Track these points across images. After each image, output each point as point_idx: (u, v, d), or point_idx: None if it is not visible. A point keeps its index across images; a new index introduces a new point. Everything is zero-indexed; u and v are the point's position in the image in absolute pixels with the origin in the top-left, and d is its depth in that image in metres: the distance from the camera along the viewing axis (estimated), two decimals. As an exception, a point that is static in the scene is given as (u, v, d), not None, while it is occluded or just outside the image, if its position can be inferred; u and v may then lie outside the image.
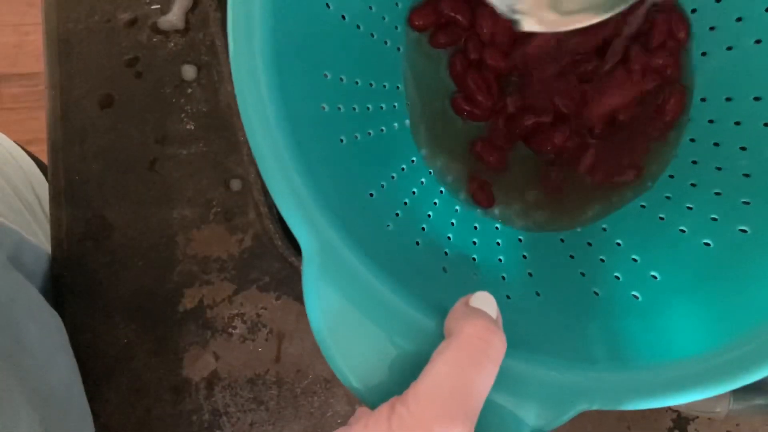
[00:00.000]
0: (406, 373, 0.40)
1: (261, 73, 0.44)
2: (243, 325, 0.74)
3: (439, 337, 0.41)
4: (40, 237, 0.83)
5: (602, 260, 0.58)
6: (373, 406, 0.39)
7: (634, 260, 0.57)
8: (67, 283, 0.74)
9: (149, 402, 0.74)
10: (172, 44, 0.76)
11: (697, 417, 0.73)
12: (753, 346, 0.43)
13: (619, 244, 0.59)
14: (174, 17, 0.75)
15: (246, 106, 0.44)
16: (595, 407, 0.43)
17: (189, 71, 0.75)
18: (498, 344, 0.39)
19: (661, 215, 0.59)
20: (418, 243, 0.56)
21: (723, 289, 0.50)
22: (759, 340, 0.43)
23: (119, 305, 0.73)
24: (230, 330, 0.74)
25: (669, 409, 0.73)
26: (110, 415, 0.73)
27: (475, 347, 0.38)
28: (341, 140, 0.54)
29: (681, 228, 0.56)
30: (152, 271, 0.75)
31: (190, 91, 0.75)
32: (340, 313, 0.42)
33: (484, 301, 0.42)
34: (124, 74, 0.76)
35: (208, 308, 0.74)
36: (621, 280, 0.55)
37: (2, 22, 1.87)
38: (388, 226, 0.54)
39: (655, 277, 0.54)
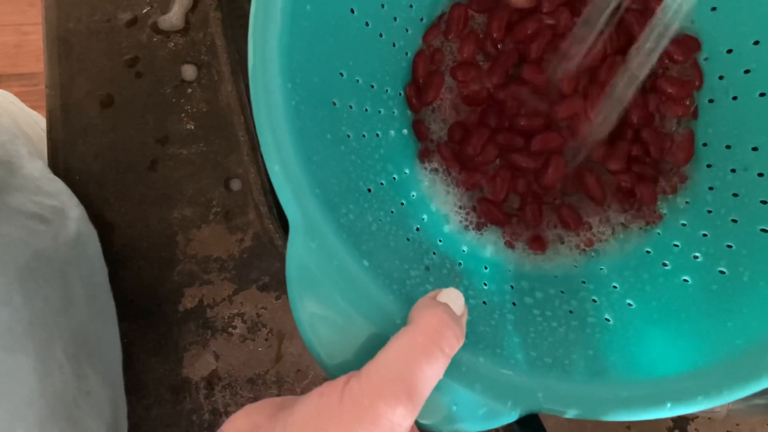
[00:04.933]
0: (368, 352, 0.41)
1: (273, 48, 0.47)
2: (243, 324, 0.74)
3: (403, 324, 0.43)
4: None
5: (583, 282, 0.60)
6: (333, 377, 0.41)
7: (614, 287, 0.58)
8: (68, 284, 0.74)
9: (149, 402, 0.74)
10: (172, 44, 0.76)
11: (697, 417, 0.73)
12: (725, 373, 0.45)
13: (601, 270, 0.61)
14: (174, 17, 0.75)
15: (256, 82, 0.46)
16: (569, 414, 0.45)
17: (189, 71, 0.75)
18: (452, 338, 0.41)
19: (648, 249, 0.61)
20: (408, 239, 0.58)
21: (697, 321, 0.52)
22: (732, 368, 0.45)
23: (119, 305, 0.73)
24: (230, 330, 0.74)
25: (668, 409, 0.73)
26: (111, 415, 0.73)
27: (428, 337, 0.40)
28: (348, 135, 0.56)
29: (664, 262, 0.58)
30: (152, 271, 0.75)
31: (190, 91, 0.75)
32: (315, 287, 0.45)
33: (451, 296, 0.44)
34: (124, 74, 0.76)
35: (208, 308, 0.74)
36: (597, 303, 0.57)
37: (2, 22, 1.86)
38: (380, 220, 0.55)
39: (630, 305, 0.56)
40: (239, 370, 0.75)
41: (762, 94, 0.56)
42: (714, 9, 0.59)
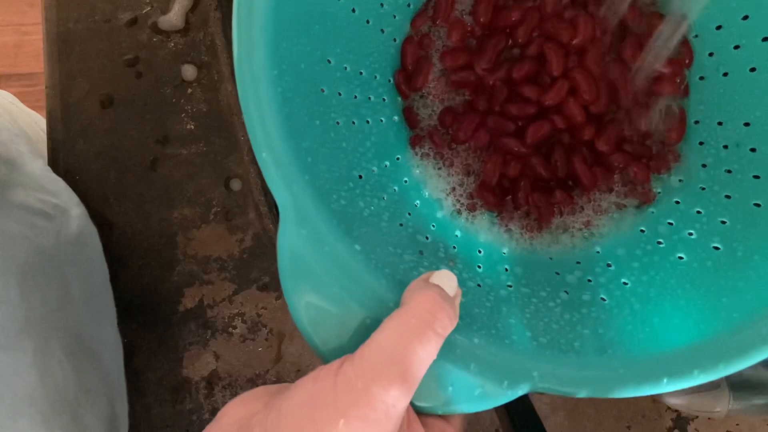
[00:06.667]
0: (362, 336, 0.41)
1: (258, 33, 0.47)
2: (243, 324, 0.74)
3: (396, 307, 0.42)
4: None
5: (578, 263, 0.60)
6: (327, 361, 0.41)
7: (608, 266, 0.59)
8: (67, 282, 0.74)
9: (149, 402, 0.74)
10: (172, 44, 0.76)
11: (697, 417, 0.73)
12: (721, 347, 0.45)
13: (596, 250, 0.61)
14: (174, 17, 0.75)
15: (243, 74, 0.46)
16: (565, 393, 0.45)
17: (189, 71, 0.75)
18: (444, 319, 0.41)
19: (642, 228, 0.61)
20: (401, 225, 0.58)
21: (693, 296, 0.51)
22: (728, 342, 0.45)
23: (119, 305, 0.73)
24: (230, 330, 0.74)
25: (669, 408, 0.73)
26: (110, 414, 0.73)
27: (420, 318, 0.40)
28: (337, 123, 0.56)
29: (658, 240, 0.58)
30: (152, 271, 0.75)
31: (190, 91, 0.75)
32: (308, 273, 0.45)
33: (444, 278, 0.44)
34: (124, 74, 0.76)
35: (208, 308, 0.74)
36: (592, 283, 0.57)
37: (2, 22, 1.88)
38: (372, 206, 0.55)
39: (626, 284, 0.56)
40: (239, 370, 0.74)
41: (752, 69, 0.56)
42: (702, -15, 0.59)
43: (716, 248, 0.53)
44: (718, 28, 0.59)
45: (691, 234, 0.56)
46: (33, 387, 0.57)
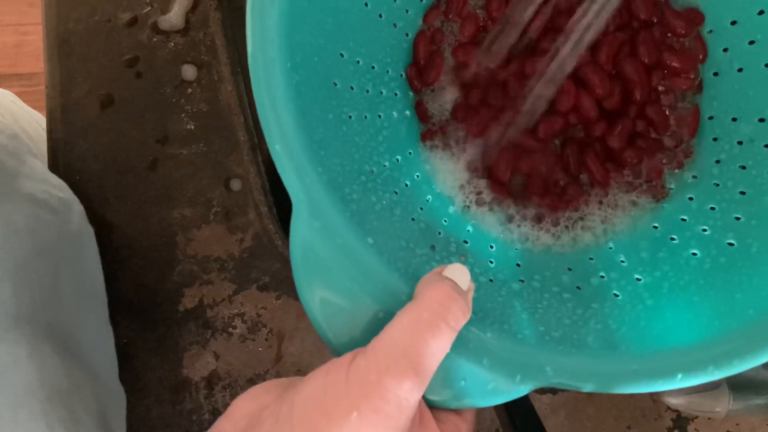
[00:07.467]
0: (374, 329, 0.41)
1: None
2: (243, 324, 0.74)
3: (409, 300, 0.42)
4: None
5: (591, 259, 0.60)
6: (339, 355, 0.41)
7: (621, 261, 0.58)
8: (67, 282, 0.74)
9: (149, 402, 0.74)
10: (172, 44, 0.76)
11: (697, 417, 0.73)
12: (735, 343, 0.45)
13: (609, 246, 0.61)
14: (174, 17, 0.75)
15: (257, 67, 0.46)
16: (579, 388, 0.45)
17: (189, 71, 0.75)
18: (457, 312, 0.41)
19: (655, 224, 0.61)
20: (413, 219, 0.58)
21: (707, 292, 0.51)
22: (742, 338, 0.45)
23: (119, 305, 0.73)
24: (230, 330, 0.74)
25: (669, 408, 0.73)
26: (111, 413, 0.73)
27: (433, 311, 0.40)
28: (350, 117, 0.56)
29: (671, 236, 0.58)
30: (152, 271, 0.74)
31: (190, 91, 0.75)
32: (320, 266, 0.45)
33: (457, 272, 0.44)
34: (124, 74, 0.76)
35: (208, 308, 0.74)
36: (605, 278, 0.57)
37: (2, 22, 1.87)
38: (384, 200, 0.55)
39: (639, 280, 0.56)
40: (239, 370, 0.74)
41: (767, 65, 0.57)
42: (717, -20, 0.60)
43: (730, 244, 0.53)
44: (733, 23, 0.59)
45: (704, 230, 0.56)
46: (31, 379, 0.56)
